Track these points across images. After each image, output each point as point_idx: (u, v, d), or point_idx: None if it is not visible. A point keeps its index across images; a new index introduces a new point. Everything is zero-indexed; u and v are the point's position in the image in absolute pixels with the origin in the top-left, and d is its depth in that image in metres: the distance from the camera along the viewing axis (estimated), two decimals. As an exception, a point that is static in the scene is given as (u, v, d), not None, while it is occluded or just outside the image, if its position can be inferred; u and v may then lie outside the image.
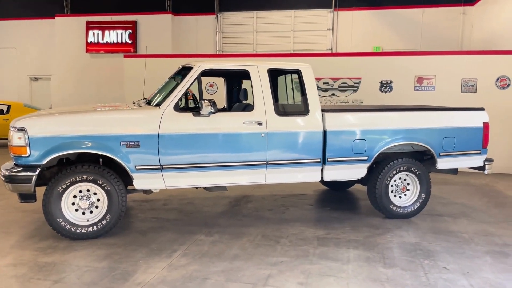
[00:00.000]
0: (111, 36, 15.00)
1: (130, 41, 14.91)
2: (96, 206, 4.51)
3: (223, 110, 6.02)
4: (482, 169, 5.70)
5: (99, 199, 4.51)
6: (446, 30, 13.52)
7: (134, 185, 4.59)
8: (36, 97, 16.44)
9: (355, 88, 9.28)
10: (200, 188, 5.14)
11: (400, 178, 5.40)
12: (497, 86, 8.65)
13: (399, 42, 13.75)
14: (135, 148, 4.47)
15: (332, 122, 5.08)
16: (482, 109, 5.67)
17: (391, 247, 4.44)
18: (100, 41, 15.06)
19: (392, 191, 5.37)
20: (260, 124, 4.82)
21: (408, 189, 5.45)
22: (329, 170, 5.12)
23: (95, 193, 4.49)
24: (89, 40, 15.12)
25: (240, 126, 4.78)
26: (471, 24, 13.28)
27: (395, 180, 5.37)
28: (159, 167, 4.57)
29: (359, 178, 5.37)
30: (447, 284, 3.59)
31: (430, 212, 5.71)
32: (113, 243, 4.41)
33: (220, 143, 4.73)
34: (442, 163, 5.47)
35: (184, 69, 5.10)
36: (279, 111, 4.98)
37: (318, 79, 8.92)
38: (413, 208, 5.41)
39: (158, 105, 4.73)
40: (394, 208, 5.35)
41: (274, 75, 5.37)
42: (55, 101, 15.17)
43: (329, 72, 9.29)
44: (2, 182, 4.38)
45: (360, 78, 9.23)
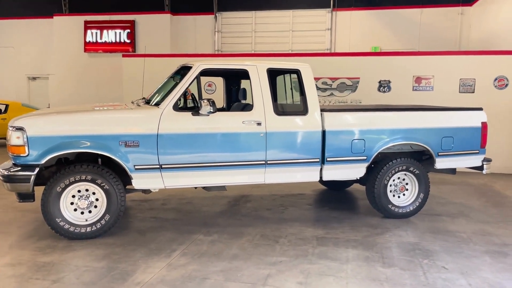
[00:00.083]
0: (110, 36, 14.99)
1: (129, 41, 14.91)
2: (95, 206, 4.50)
3: (222, 110, 6.02)
4: (481, 169, 5.71)
5: (98, 199, 4.50)
6: (444, 30, 13.55)
7: (133, 185, 4.58)
8: (34, 97, 16.39)
9: (354, 88, 9.29)
10: (199, 188, 5.13)
11: (399, 178, 5.40)
12: (495, 86, 8.67)
13: (397, 42, 13.78)
14: (134, 148, 4.47)
15: (331, 122, 5.09)
16: (481, 109, 5.69)
17: (390, 247, 4.45)
18: (99, 41, 15.05)
19: (391, 191, 5.38)
20: (259, 124, 4.82)
21: (407, 189, 5.46)
22: (328, 170, 5.13)
23: (94, 193, 4.48)
24: (87, 40, 15.11)
25: (239, 126, 4.78)
26: (469, 24, 13.32)
27: (394, 180, 5.37)
28: (158, 167, 4.56)
29: (358, 178, 5.38)
30: (446, 284, 3.60)
31: (429, 212, 5.72)
32: (112, 243, 4.41)
33: (219, 143, 4.73)
34: (441, 163, 5.48)
35: (183, 69, 5.10)
36: (278, 111, 4.98)
37: (317, 79, 8.91)
38: (412, 208, 5.43)
39: (157, 105, 4.73)
40: (393, 208, 5.36)
41: (273, 75, 5.38)
42: (53, 101, 15.14)
43: (328, 72, 9.30)
44: (1, 182, 4.36)
45: (359, 78, 9.25)
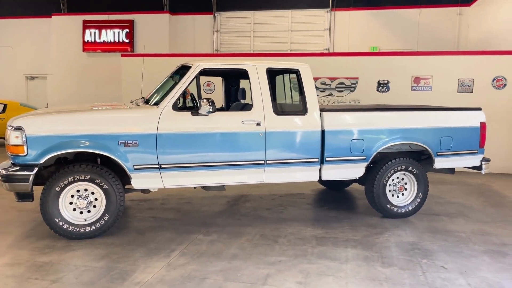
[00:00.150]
0: (108, 35, 14.98)
1: (127, 40, 14.89)
2: (94, 206, 4.49)
3: (221, 110, 6.01)
4: (479, 169, 5.72)
5: (97, 199, 4.49)
6: (443, 31, 13.58)
7: (132, 185, 4.57)
8: (32, 96, 16.36)
9: (352, 88, 9.30)
10: (198, 188, 5.13)
11: (398, 178, 5.41)
12: (494, 86, 8.69)
13: (396, 42, 13.80)
14: (133, 147, 4.46)
15: (330, 122, 5.09)
16: (479, 109, 5.70)
17: (389, 246, 4.45)
18: (97, 40, 15.03)
19: (390, 191, 5.38)
20: (259, 124, 4.82)
21: (406, 189, 5.46)
22: (327, 170, 5.13)
23: (93, 193, 4.47)
24: (86, 39, 15.09)
25: (239, 126, 4.78)
26: (468, 25, 13.35)
27: (393, 180, 5.38)
28: (157, 167, 4.56)
29: (357, 178, 5.39)
30: (445, 283, 3.60)
31: (427, 212, 5.73)
32: (111, 243, 4.40)
33: (219, 143, 4.73)
34: (440, 163, 5.49)
35: (182, 68, 5.09)
36: (278, 111, 4.98)
37: (316, 79, 8.89)
38: (411, 208, 5.43)
39: (157, 104, 4.72)
40: (392, 208, 5.36)
41: (272, 75, 5.38)
42: (52, 101, 15.12)
43: (327, 72, 9.30)
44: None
45: (357, 78, 9.25)
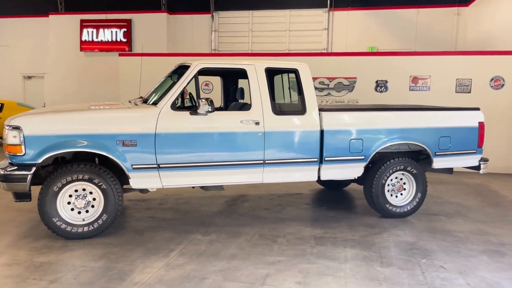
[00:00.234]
0: (106, 35, 14.92)
1: (125, 40, 14.84)
2: (92, 206, 4.47)
3: (220, 109, 6.00)
4: (478, 169, 5.73)
5: (95, 198, 4.47)
6: (441, 31, 13.59)
7: (131, 184, 4.56)
8: (30, 96, 16.29)
9: (351, 88, 9.30)
10: (197, 188, 5.11)
11: (397, 178, 5.41)
12: (491, 86, 8.71)
13: (394, 42, 13.81)
14: (132, 147, 4.44)
15: (329, 122, 5.08)
16: (478, 109, 5.71)
17: (388, 246, 4.45)
18: (95, 40, 14.97)
19: (389, 191, 5.38)
20: (258, 123, 4.81)
21: (404, 189, 5.47)
22: (326, 170, 5.13)
23: (91, 192, 4.45)
24: (83, 39, 15.02)
25: (238, 125, 4.77)
26: (466, 25, 13.37)
27: (392, 180, 5.38)
28: (156, 166, 4.54)
29: (356, 178, 5.38)
30: (444, 283, 3.60)
31: (426, 212, 5.74)
32: (109, 243, 4.38)
33: (217, 142, 4.72)
34: (438, 163, 5.50)
35: (181, 68, 5.08)
36: (276, 110, 4.97)
37: (314, 79, 8.88)
38: (409, 208, 5.44)
39: (155, 104, 4.71)
40: (391, 208, 5.36)
41: (271, 75, 5.38)
42: (49, 100, 15.05)
43: (325, 72, 9.30)
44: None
45: (356, 78, 9.26)
